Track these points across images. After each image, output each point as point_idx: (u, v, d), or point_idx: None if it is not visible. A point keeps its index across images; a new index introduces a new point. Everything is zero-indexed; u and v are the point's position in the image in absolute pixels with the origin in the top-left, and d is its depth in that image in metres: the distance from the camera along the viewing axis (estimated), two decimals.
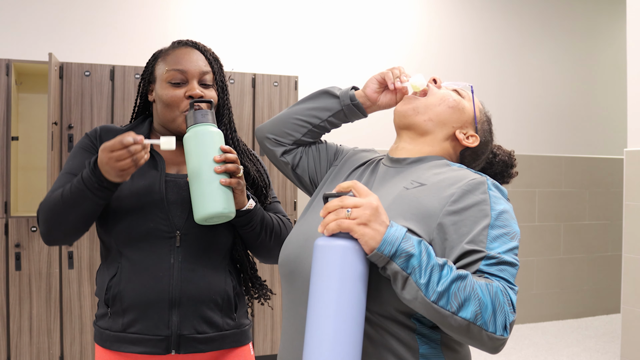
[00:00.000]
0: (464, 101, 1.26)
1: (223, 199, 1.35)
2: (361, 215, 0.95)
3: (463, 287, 0.95)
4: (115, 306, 1.45)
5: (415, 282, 0.94)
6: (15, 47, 3.65)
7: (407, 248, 0.95)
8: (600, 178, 5.34)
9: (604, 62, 5.43)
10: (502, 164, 1.33)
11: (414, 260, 0.95)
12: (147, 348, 1.44)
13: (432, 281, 0.94)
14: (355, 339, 0.95)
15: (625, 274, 3.00)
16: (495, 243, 1.02)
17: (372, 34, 4.56)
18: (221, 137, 1.40)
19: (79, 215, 1.38)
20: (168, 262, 1.43)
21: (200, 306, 1.45)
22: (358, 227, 0.95)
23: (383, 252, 0.95)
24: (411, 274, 0.94)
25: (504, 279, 0.99)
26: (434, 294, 0.94)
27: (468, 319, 0.94)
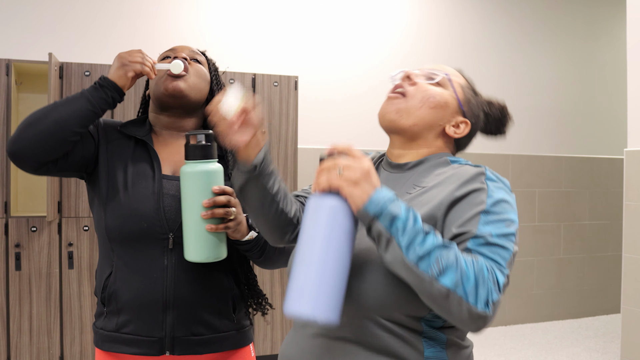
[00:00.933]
0: (444, 93, 1.19)
1: (208, 246, 1.31)
2: (351, 175, 0.98)
3: (446, 255, 0.93)
4: (111, 305, 1.45)
5: (397, 243, 0.94)
6: (15, 47, 3.65)
7: (392, 209, 0.96)
8: (600, 178, 5.34)
9: (604, 62, 5.43)
10: (495, 121, 1.30)
11: (398, 221, 0.95)
12: (141, 349, 1.43)
13: (415, 243, 0.94)
14: (338, 285, 0.98)
15: (625, 274, 3.00)
16: (487, 227, 1.00)
17: (372, 34, 4.56)
18: (217, 175, 1.34)
19: (60, 117, 1.35)
20: (162, 263, 1.42)
21: (196, 308, 1.44)
22: (347, 186, 0.98)
23: (368, 211, 0.96)
24: (394, 235, 0.95)
25: (493, 260, 0.97)
26: (415, 256, 0.93)
27: (448, 287, 0.92)
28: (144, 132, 1.52)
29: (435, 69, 1.22)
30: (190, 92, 1.49)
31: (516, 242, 1.02)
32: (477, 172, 1.08)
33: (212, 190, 1.33)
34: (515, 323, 5.00)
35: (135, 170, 1.47)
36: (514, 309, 4.98)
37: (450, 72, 1.23)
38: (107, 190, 1.45)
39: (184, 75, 1.47)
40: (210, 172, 1.32)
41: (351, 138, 4.46)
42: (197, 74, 1.51)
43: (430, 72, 1.20)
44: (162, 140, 1.54)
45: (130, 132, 1.51)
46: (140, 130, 1.52)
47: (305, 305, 0.96)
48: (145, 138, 1.50)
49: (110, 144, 1.50)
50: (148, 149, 1.50)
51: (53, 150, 1.36)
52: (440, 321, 1.06)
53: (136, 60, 1.38)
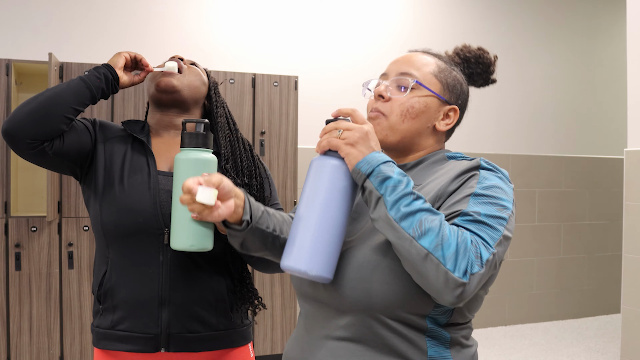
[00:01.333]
0: (421, 98, 1.16)
1: (193, 234, 1.26)
2: (350, 136, 1.02)
3: (430, 219, 0.94)
4: (106, 302, 1.45)
5: (384, 201, 0.97)
6: (15, 47, 3.65)
7: (384, 170, 0.99)
8: (600, 178, 5.34)
9: (604, 62, 5.43)
10: (480, 75, 1.29)
11: (389, 181, 0.97)
12: (136, 346, 1.43)
13: (401, 202, 0.96)
14: (334, 243, 1.02)
15: (625, 274, 3.00)
16: (476, 207, 0.99)
17: (372, 34, 4.56)
18: (210, 165, 1.29)
19: (54, 92, 1.37)
20: (157, 259, 1.43)
21: (192, 305, 1.44)
22: (345, 146, 1.02)
23: (360, 170, 0.99)
24: (383, 193, 0.97)
25: (479, 236, 0.96)
26: (399, 214, 0.95)
27: (427, 248, 0.92)
28: (142, 131, 1.54)
29: (402, 72, 1.18)
30: (182, 88, 1.50)
31: (509, 228, 1.01)
32: (472, 164, 1.08)
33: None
34: (515, 323, 5.00)
35: (131, 166, 1.48)
36: (514, 309, 4.98)
37: (418, 67, 1.18)
38: (103, 187, 1.46)
39: (180, 76, 1.51)
40: (204, 160, 1.28)
41: None
42: (192, 72, 1.54)
43: (399, 80, 1.17)
44: (159, 138, 1.55)
45: (129, 128, 1.53)
46: (138, 129, 1.54)
47: (300, 261, 1.00)
48: (142, 136, 1.51)
49: (107, 142, 1.51)
50: (144, 147, 1.51)
51: (47, 125, 1.34)
52: (445, 317, 1.06)
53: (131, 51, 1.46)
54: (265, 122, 3.66)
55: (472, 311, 1.11)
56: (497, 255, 0.97)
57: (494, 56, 1.31)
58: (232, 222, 1.12)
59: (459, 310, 1.07)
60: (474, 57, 1.28)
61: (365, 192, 1.00)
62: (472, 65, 1.28)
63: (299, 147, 4.14)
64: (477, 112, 4.90)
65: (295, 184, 3.75)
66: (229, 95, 3.59)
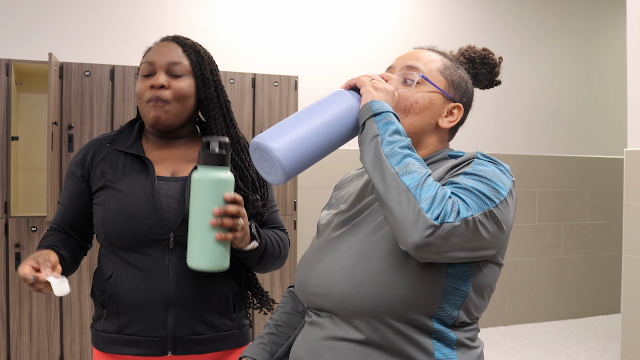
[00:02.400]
0: (426, 93, 1.16)
1: (214, 255, 1.29)
2: (378, 84, 1.08)
3: (418, 166, 0.97)
4: (110, 307, 1.45)
5: (381, 139, 0.99)
6: (15, 47, 3.65)
7: (392, 119, 1.02)
8: (600, 178, 5.34)
9: (604, 62, 5.43)
10: (485, 76, 1.30)
11: (392, 126, 1.01)
12: (143, 350, 1.43)
13: (395, 144, 0.99)
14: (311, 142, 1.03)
15: (625, 274, 3.00)
16: (466, 181, 0.99)
17: (372, 34, 4.56)
18: (228, 184, 1.31)
19: None
20: (163, 263, 1.42)
21: (197, 307, 1.44)
22: (370, 86, 1.07)
23: (372, 106, 1.03)
24: (381, 133, 1.00)
25: (461, 199, 0.95)
26: (389, 150, 0.98)
27: (406, 185, 0.94)
28: (132, 141, 1.51)
29: (408, 65, 1.18)
30: (175, 119, 1.47)
31: (500, 213, 0.98)
32: (469, 156, 1.09)
33: (224, 198, 1.31)
34: (515, 323, 5.00)
35: (129, 175, 1.47)
36: (514, 309, 4.98)
37: (424, 63, 1.18)
38: (105, 198, 1.46)
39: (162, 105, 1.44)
40: (223, 180, 1.30)
41: None
42: (176, 95, 1.45)
43: (405, 74, 1.17)
44: (156, 144, 1.53)
45: (118, 147, 1.50)
46: (128, 142, 1.51)
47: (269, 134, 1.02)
48: (133, 149, 1.49)
49: (100, 164, 1.50)
50: (139, 156, 1.49)
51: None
52: (451, 318, 1.06)
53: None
54: (265, 122, 3.66)
55: (479, 310, 1.11)
56: (479, 223, 0.95)
57: (499, 57, 1.32)
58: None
59: (465, 309, 1.07)
60: (479, 58, 1.28)
61: (364, 130, 1.03)
62: (477, 66, 1.28)
63: None
64: (477, 112, 4.87)
65: (295, 183, 3.75)
66: (229, 95, 3.58)
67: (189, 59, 1.48)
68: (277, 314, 1.31)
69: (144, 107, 1.46)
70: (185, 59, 1.48)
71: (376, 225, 1.10)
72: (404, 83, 1.17)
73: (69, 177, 1.54)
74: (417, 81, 1.16)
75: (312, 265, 1.15)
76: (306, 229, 4.15)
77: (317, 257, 1.16)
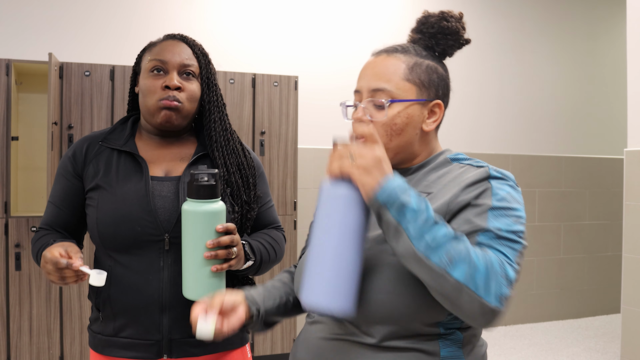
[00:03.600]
0: (402, 111, 1.10)
1: (210, 286, 1.30)
2: (363, 163, 0.97)
3: (456, 246, 0.92)
4: (106, 310, 1.44)
5: (406, 233, 0.93)
6: (15, 47, 3.65)
7: (403, 198, 0.94)
8: (600, 178, 5.34)
9: (604, 62, 5.43)
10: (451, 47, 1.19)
11: (408, 210, 0.93)
12: (139, 353, 1.43)
13: (424, 234, 0.93)
14: (353, 276, 0.98)
15: (625, 274, 3.00)
16: (496, 222, 0.99)
17: (372, 34, 4.56)
18: (220, 215, 1.31)
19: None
20: (158, 265, 1.41)
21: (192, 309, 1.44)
22: (359, 174, 0.97)
23: (378, 199, 0.95)
24: (403, 224, 0.93)
25: (502, 253, 0.96)
26: (425, 247, 0.92)
27: (459, 280, 0.90)
28: (126, 139, 1.50)
29: (374, 89, 1.11)
30: (183, 120, 1.48)
31: (525, 238, 1.01)
32: (481, 174, 1.06)
33: (216, 230, 1.30)
34: (515, 323, 5.00)
35: (123, 175, 1.46)
36: (514, 309, 4.98)
37: (388, 79, 1.11)
38: (98, 198, 1.45)
39: (177, 106, 1.44)
40: (214, 212, 1.30)
41: None
42: (189, 97, 1.47)
43: (374, 100, 1.11)
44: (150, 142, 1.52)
45: (111, 145, 1.49)
46: (122, 139, 1.50)
47: (322, 297, 0.97)
48: (127, 147, 1.48)
49: (92, 161, 1.49)
50: (133, 154, 1.48)
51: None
52: (458, 322, 1.06)
53: (54, 280, 1.32)
54: (265, 122, 3.66)
55: None
56: (519, 271, 0.98)
57: (459, 14, 1.22)
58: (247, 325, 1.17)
59: None
60: (439, 32, 1.18)
61: (382, 220, 0.97)
62: (440, 41, 1.18)
63: (299, 147, 4.14)
64: (477, 112, 4.90)
65: (295, 184, 3.75)
66: (229, 95, 3.59)
67: (198, 62, 1.49)
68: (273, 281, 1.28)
69: (153, 105, 1.44)
70: (195, 62, 1.49)
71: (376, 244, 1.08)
72: (377, 108, 1.11)
73: (60, 175, 1.51)
74: (387, 106, 1.10)
75: None
76: (306, 229, 4.15)
77: None
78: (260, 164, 1.61)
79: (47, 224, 1.52)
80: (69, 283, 1.31)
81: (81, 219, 1.52)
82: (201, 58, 1.50)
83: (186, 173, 1.47)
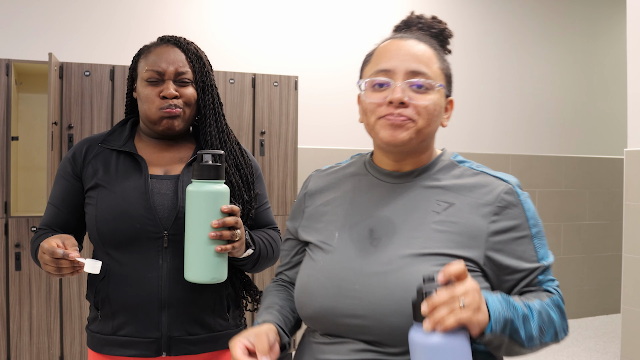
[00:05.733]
0: (435, 98, 1.06)
1: (213, 267, 1.30)
2: (472, 302, 0.87)
3: (543, 320, 1.00)
4: (104, 309, 1.45)
5: (517, 341, 0.95)
6: (15, 47, 3.65)
7: (506, 315, 0.92)
8: (600, 178, 5.34)
9: (604, 62, 5.43)
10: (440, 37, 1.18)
11: (511, 324, 0.94)
12: (138, 351, 1.43)
13: (530, 331, 0.97)
14: None
15: (625, 274, 3.00)
16: (541, 251, 1.07)
17: (372, 34, 4.56)
18: (225, 196, 1.32)
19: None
20: (156, 263, 1.42)
21: (191, 307, 1.44)
22: (473, 315, 0.87)
23: (497, 332, 0.91)
24: (513, 336, 0.94)
25: (554, 288, 1.08)
26: (529, 342, 0.97)
27: (548, 342, 1.01)
28: (125, 140, 1.51)
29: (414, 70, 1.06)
30: (182, 125, 1.49)
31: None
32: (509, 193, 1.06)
33: (221, 210, 1.31)
34: None
35: (122, 173, 1.47)
36: None
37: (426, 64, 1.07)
38: (97, 196, 1.46)
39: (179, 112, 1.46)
40: (220, 192, 1.31)
41: (351, 138, 4.46)
42: (187, 103, 1.49)
43: (417, 81, 1.05)
44: (149, 144, 1.54)
45: (110, 146, 1.51)
46: (121, 140, 1.52)
47: None
48: (126, 147, 1.50)
49: (92, 162, 1.50)
50: (132, 153, 1.50)
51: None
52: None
53: (51, 271, 1.32)
54: (265, 122, 3.66)
55: None
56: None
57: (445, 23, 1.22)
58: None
59: None
60: (439, 32, 1.19)
61: (493, 343, 0.94)
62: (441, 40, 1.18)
63: (299, 147, 4.14)
64: (477, 112, 4.90)
65: (295, 184, 3.75)
66: (229, 95, 3.59)
67: (192, 67, 1.50)
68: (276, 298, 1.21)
69: (153, 113, 1.46)
70: (189, 68, 1.50)
71: (406, 242, 1.03)
72: (417, 90, 1.05)
73: (59, 177, 1.53)
74: (436, 89, 1.06)
75: (338, 292, 1.04)
76: None
77: (341, 282, 1.04)
78: (258, 166, 1.62)
79: (47, 225, 1.53)
80: (66, 274, 1.32)
81: (80, 219, 1.53)
82: (195, 62, 1.51)
83: (185, 172, 1.48)
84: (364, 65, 1.16)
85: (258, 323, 1.10)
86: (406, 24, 1.21)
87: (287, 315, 1.15)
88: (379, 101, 1.06)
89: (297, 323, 1.19)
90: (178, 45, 1.51)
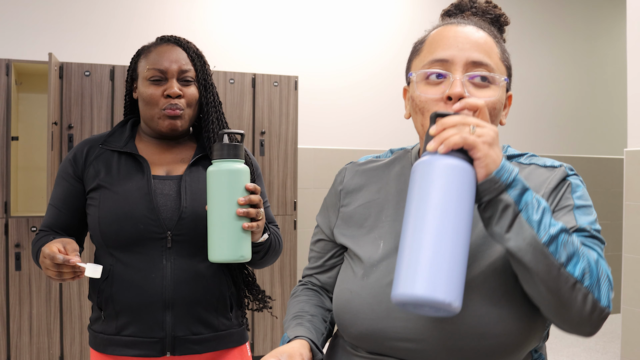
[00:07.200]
0: (500, 95, 0.95)
1: (239, 245, 1.29)
2: (486, 134, 0.81)
3: (571, 241, 0.82)
4: (108, 309, 1.45)
5: (527, 220, 0.81)
6: (15, 47, 3.65)
7: (523, 180, 0.82)
8: (600, 178, 5.34)
9: (604, 62, 5.43)
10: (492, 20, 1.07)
11: (528, 195, 0.81)
12: (142, 350, 1.43)
13: (544, 222, 0.81)
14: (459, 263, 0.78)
15: (625, 274, 3.00)
16: (583, 220, 0.91)
17: (372, 35, 4.56)
18: (247, 174, 1.32)
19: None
20: (160, 263, 1.42)
21: (195, 307, 1.44)
22: (483, 145, 0.80)
23: (501, 178, 0.80)
24: (522, 210, 0.81)
25: (598, 253, 0.87)
26: (546, 235, 0.80)
27: (575, 277, 0.81)
28: (125, 141, 1.51)
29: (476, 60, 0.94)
30: (185, 125, 1.49)
31: None
32: (560, 175, 0.97)
33: (246, 188, 1.31)
34: None
35: (124, 174, 1.47)
36: None
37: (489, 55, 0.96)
38: (100, 199, 1.46)
39: (180, 113, 1.46)
40: (243, 170, 1.31)
41: (351, 138, 4.46)
42: (189, 102, 1.48)
43: (480, 74, 0.93)
44: (150, 144, 1.54)
45: (111, 147, 1.51)
46: (122, 141, 1.51)
47: (420, 286, 0.75)
48: (127, 148, 1.49)
49: (93, 163, 1.50)
50: (133, 154, 1.49)
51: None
52: (543, 341, 1.01)
53: (51, 275, 1.31)
54: (265, 122, 3.66)
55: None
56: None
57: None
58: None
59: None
60: (495, 16, 1.08)
61: (498, 203, 0.82)
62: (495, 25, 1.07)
63: (299, 147, 4.14)
64: None
65: (295, 183, 3.75)
66: (229, 95, 3.59)
67: (194, 66, 1.51)
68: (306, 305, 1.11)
69: (156, 114, 1.46)
70: (192, 66, 1.50)
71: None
72: (475, 84, 0.93)
73: (60, 178, 1.53)
74: (501, 85, 0.95)
75: (387, 315, 0.94)
76: (306, 229, 4.15)
77: (389, 303, 0.94)
78: (258, 165, 1.63)
79: (48, 226, 1.53)
80: (67, 279, 1.32)
81: (82, 220, 1.53)
82: (197, 61, 1.51)
83: (187, 173, 1.48)
84: (413, 55, 1.03)
85: (288, 337, 1.00)
86: (458, 8, 1.08)
87: (319, 326, 1.06)
88: (436, 96, 0.93)
89: (329, 333, 1.10)
90: (179, 44, 1.52)
